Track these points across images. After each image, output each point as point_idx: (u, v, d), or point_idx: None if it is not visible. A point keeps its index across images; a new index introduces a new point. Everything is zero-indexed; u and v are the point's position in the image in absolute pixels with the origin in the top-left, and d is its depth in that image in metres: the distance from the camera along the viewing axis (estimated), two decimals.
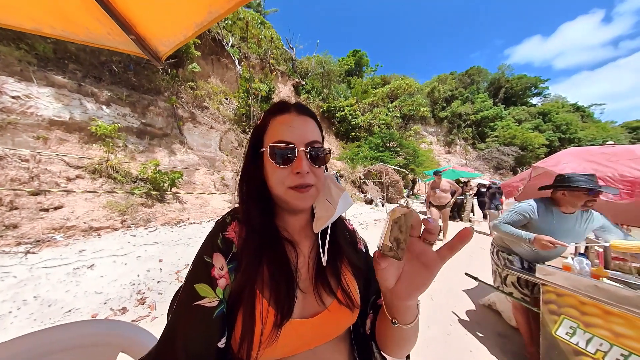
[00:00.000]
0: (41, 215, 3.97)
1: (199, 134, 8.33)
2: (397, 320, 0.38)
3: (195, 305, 0.37)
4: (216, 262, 0.41)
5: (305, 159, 0.43)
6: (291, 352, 0.40)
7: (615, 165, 1.59)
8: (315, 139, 0.45)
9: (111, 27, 0.68)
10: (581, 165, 1.74)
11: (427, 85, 31.05)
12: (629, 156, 1.57)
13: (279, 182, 0.44)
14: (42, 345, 0.70)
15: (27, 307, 2.12)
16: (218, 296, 0.39)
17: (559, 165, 1.86)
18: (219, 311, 0.38)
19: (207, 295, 0.38)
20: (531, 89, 37.41)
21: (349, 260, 0.51)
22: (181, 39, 0.73)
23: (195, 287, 0.38)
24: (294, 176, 0.43)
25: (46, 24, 0.69)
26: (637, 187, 1.46)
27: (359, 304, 0.47)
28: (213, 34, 10.42)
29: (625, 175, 1.51)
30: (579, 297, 1.37)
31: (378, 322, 0.47)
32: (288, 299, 0.40)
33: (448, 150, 27.32)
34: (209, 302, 0.38)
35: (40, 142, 4.98)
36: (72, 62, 6.07)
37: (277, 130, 0.45)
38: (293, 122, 0.45)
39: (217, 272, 0.40)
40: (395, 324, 0.38)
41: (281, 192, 0.44)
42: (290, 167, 0.43)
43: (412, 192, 15.03)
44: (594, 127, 33.49)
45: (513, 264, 1.77)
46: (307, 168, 0.43)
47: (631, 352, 1.15)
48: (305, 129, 0.45)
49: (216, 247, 0.43)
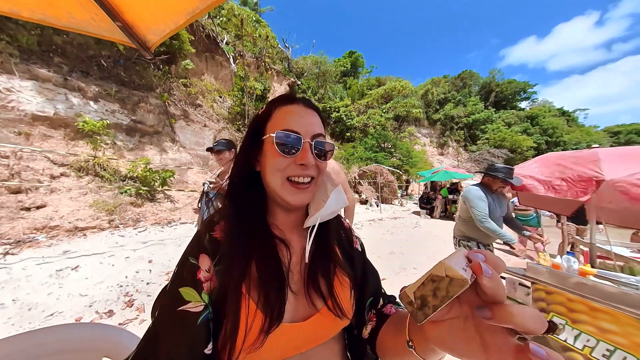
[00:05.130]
0: (22, 215, 3.78)
1: (191, 132, 8.16)
2: (414, 345, 0.32)
3: (179, 311, 0.35)
4: (202, 264, 0.39)
5: (310, 150, 0.42)
6: (281, 357, 0.38)
7: (577, 167, 1.75)
8: (321, 133, 0.45)
9: (96, 12, 0.64)
10: (549, 169, 1.94)
11: (421, 87, 31.59)
12: (591, 158, 1.72)
13: (277, 171, 0.42)
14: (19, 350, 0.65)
15: (5, 311, 2.01)
16: (203, 301, 0.36)
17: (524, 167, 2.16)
18: (204, 317, 0.36)
19: (192, 300, 0.36)
20: (520, 93, 38.65)
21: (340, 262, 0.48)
22: (172, 27, 0.70)
23: (180, 291, 0.36)
24: (296, 166, 0.42)
25: (24, 7, 0.64)
26: (590, 185, 1.63)
27: (349, 312, 0.44)
28: (207, 30, 10.24)
29: (582, 175, 1.68)
30: (566, 295, 1.40)
31: (383, 332, 0.44)
32: (278, 303, 0.38)
33: (441, 152, 27.84)
34: (193, 307, 0.35)
35: (22, 137, 4.75)
36: (57, 55, 5.83)
37: (283, 119, 0.43)
38: (301, 113, 0.44)
39: (202, 275, 0.38)
40: (411, 347, 0.32)
41: (277, 184, 0.42)
42: (294, 157, 0.42)
43: (406, 192, 15.22)
44: (579, 131, 34.92)
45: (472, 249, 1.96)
46: (312, 160, 0.42)
47: (616, 347, 1.18)
48: (312, 122, 0.44)
49: (202, 248, 0.40)
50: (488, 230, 1.83)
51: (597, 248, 2.10)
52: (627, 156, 1.66)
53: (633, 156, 1.63)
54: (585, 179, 1.64)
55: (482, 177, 2.07)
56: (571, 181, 1.72)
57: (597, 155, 1.69)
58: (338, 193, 0.47)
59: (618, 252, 2.43)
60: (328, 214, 0.46)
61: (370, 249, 4.37)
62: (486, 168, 2.04)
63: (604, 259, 2.35)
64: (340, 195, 0.47)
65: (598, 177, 1.58)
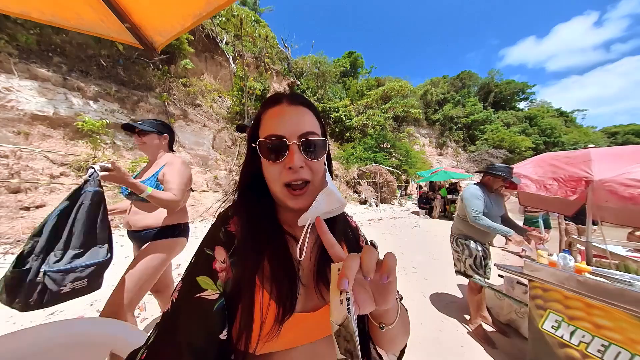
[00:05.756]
0: (22, 214, 3.78)
1: (191, 131, 8.15)
2: (384, 324, 0.39)
3: (196, 298, 0.37)
4: (218, 255, 0.40)
5: (298, 152, 0.41)
6: (291, 345, 0.40)
7: (569, 167, 1.78)
8: (310, 130, 0.43)
9: (105, 14, 0.66)
10: (543, 169, 1.98)
11: (421, 88, 31.66)
12: (582, 159, 1.76)
13: (274, 179, 0.43)
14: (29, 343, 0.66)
15: (6, 310, 2.00)
16: (219, 289, 0.38)
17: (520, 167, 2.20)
18: (219, 304, 0.37)
19: (208, 288, 0.37)
20: (519, 93, 38.87)
21: None
22: (179, 29, 0.71)
23: (197, 280, 0.38)
24: (287, 172, 0.41)
25: (35, 8, 0.66)
26: (579, 185, 1.67)
27: None
28: (207, 30, 10.24)
29: (573, 175, 1.72)
30: (563, 292, 1.42)
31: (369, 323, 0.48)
32: (291, 294, 0.40)
33: (440, 152, 27.92)
34: (209, 294, 0.37)
35: (22, 137, 4.74)
36: (57, 54, 5.82)
37: (268, 125, 0.43)
38: (285, 114, 0.43)
39: (218, 265, 0.40)
40: (383, 329, 0.39)
41: (277, 190, 0.43)
42: (283, 162, 0.41)
43: (405, 192, 15.27)
44: (577, 132, 35.15)
45: (469, 246, 2.04)
46: (299, 162, 0.41)
47: (611, 343, 1.21)
48: (298, 120, 0.43)
49: (218, 240, 0.42)
50: (481, 226, 1.87)
51: (593, 247, 2.13)
52: (619, 156, 1.68)
53: (624, 156, 1.66)
54: (576, 179, 1.68)
55: (483, 177, 2.08)
56: (562, 181, 1.75)
57: (588, 156, 1.71)
58: (328, 195, 0.44)
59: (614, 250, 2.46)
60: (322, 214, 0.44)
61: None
62: (486, 167, 2.07)
63: (601, 257, 2.38)
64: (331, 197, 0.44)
65: (588, 177, 1.61)
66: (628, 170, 1.51)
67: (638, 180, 1.45)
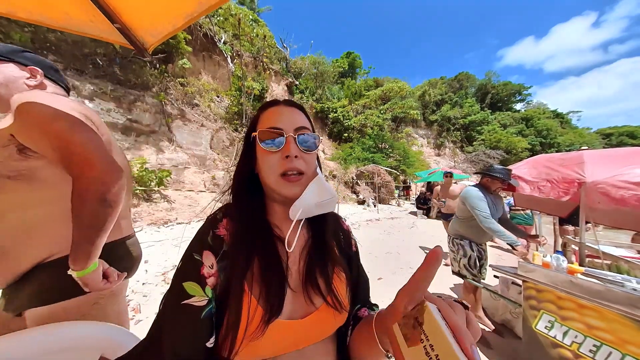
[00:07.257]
0: None
1: (188, 131, 8.10)
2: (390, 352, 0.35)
3: (183, 304, 0.36)
4: (206, 260, 0.40)
5: (293, 143, 0.45)
6: (279, 352, 0.40)
7: (562, 169, 1.80)
8: (304, 125, 0.47)
9: (94, 14, 0.65)
10: (537, 170, 1.99)
11: (419, 88, 31.84)
12: (576, 161, 1.78)
13: (270, 169, 0.45)
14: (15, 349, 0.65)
15: None
16: (207, 295, 0.38)
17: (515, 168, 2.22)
18: (208, 311, 0.37)
19: (196, 294, 0.37)
20: (515, 95, 39.24)
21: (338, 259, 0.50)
22: (170, 29, 0.71)
23: (184, 285, 0.37)
24: (283, 161, 0.44)
25: (21, 7, 0.65)
26: (571, 186, 1.69)
27: (347, 306, 0.46)
28: (205, 30, 10.18)
29: (566, 177, 1.74)
30: (556, 293, 1.44)
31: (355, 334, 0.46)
32: (278, 297, 0.40)
33: (438, 153, 28.09)
34: (197, 301, 0.37)
35: None
36: (52, 53, 5.74)
37: (267, 120, 0.47)
38: (282, 112, 0.47)
39: (206, 271, 0.39)
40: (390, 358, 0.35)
41: (273, 180, 0.45)
42: (280, 152, 0.44)
43: (403, 192, 15.32)
44: (572, 133, 35.55)
45: (464, 247, 2.06)
46: (295, 152, 0.44)
47: (602, 343, 1.22)
48: (294, 117, 0.47)
49: (206, 245, 0.42)
50: (491, 230, 1.82)
51: (587, 247, 2.15)
52: (611, 158, 1.71)
53: (616, 158, 1.68)
54: (569, 181, 1.70)
55: (481, 178, 2.08)
56: (555, 182, 1.77)
57: (581, 158, 1.73)
58: (319, 184, 0.46)
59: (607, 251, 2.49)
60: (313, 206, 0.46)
61: (368, 249, 4.40)
62: (485, 169, 2.06)
63: (595, 257, 2.40)
64: (322, 187, 0.46)
65: (580, 179, 1.63)
66: (620, 172, 1.53)
67: (629, 182, 1.47)
